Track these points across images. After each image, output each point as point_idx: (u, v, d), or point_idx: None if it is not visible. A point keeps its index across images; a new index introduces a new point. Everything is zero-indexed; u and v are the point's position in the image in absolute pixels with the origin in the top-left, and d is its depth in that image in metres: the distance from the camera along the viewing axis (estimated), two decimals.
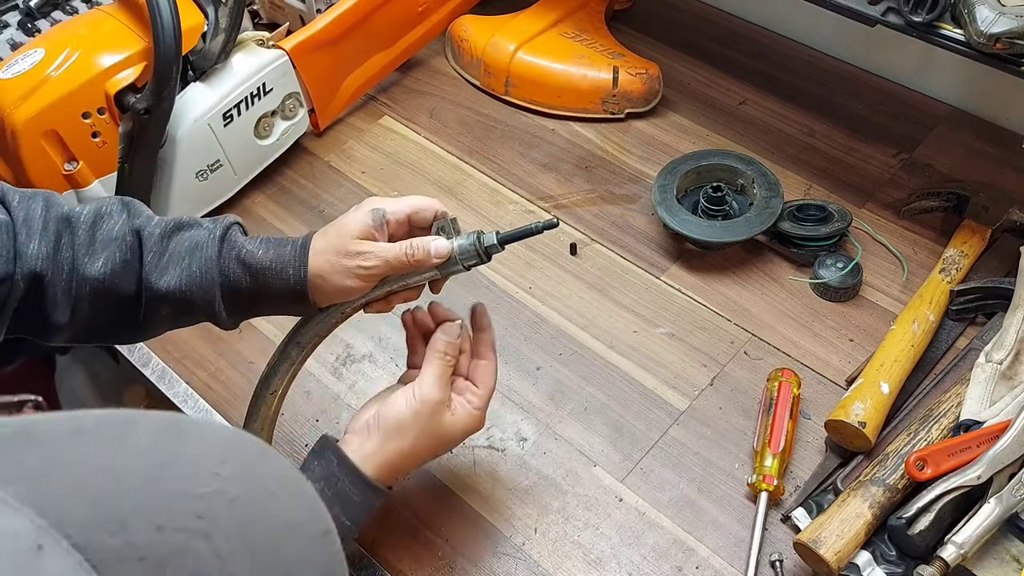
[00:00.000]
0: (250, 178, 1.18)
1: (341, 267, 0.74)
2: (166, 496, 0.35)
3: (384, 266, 0.74)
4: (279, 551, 0.37)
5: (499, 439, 0.93)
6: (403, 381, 0.81)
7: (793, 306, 1.03)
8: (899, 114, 1.22)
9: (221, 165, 1.12)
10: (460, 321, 0.80)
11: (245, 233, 0.78)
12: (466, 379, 0.80)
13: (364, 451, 0.75)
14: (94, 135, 1.04)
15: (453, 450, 0.92)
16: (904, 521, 0.77)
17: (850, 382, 0.94)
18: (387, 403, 0.76)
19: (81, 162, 1.04)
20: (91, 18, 1.08)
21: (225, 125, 1.09)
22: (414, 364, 0.81)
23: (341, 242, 0.74)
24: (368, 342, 1.03)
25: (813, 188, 1.14)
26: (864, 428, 0.84)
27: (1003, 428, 0.79)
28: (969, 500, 0.78)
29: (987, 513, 0.76)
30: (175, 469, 0.36)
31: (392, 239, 0.77)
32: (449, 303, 1.04)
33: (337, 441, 0.76)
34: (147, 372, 1.02)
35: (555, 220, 0.77)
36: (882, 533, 0.80)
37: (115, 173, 1.05)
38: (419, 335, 0.82)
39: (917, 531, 0.77)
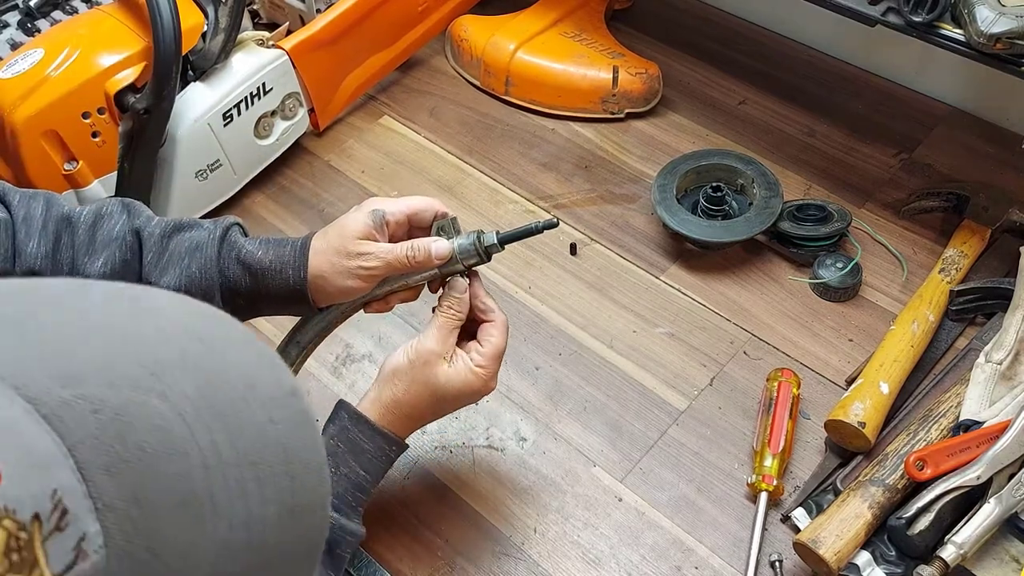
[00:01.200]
0: (250, 178, 1.18)
1: (341, 268, 0.74)
2: (118, 355, 0.34)
3: (385, 267, 0.74)
4: (244, 409, 0.37)
5: (498, 439, 0.94)
6: None
7: (793, 306, 1.03)
8: (899, 114, 1.22)
9: (221, 165, 1.12)
10: (467, 281, 0.79)
11: (245, 234, 0.78)
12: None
13: (367, 400, 0.76)
14: (94, 135, 1.04)
15: (452, 450, 0.93)
16: (904, 521, 0.77)
17: (850, 382, 0.94)
18: (390, 354, 0.77)
19: (81, 162, 1.04)
20: (91, 18, 1.08)
21: (225, 125, 1.09)
22: None
23: (341, 243, 0.74)
24: (368, 342, 1.03)
25: (813, 188, 1.14)
26: (864, 428, 0.84)
27: (1003, 428, 0.79)
28: (969, 500, 0.78)
29: (987, 513, 0.76)
30: (128, 330, 0.36)
31: (392, 239, 0.77)
32: None
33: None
34: None
35: (555, 220, 0.77)
36: (882, 533, 0.80)
37: (115, 173, 1.05)
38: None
39: (917, 531, 0.77)
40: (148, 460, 0.33)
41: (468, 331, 0.79)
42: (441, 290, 0.79)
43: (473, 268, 0.79)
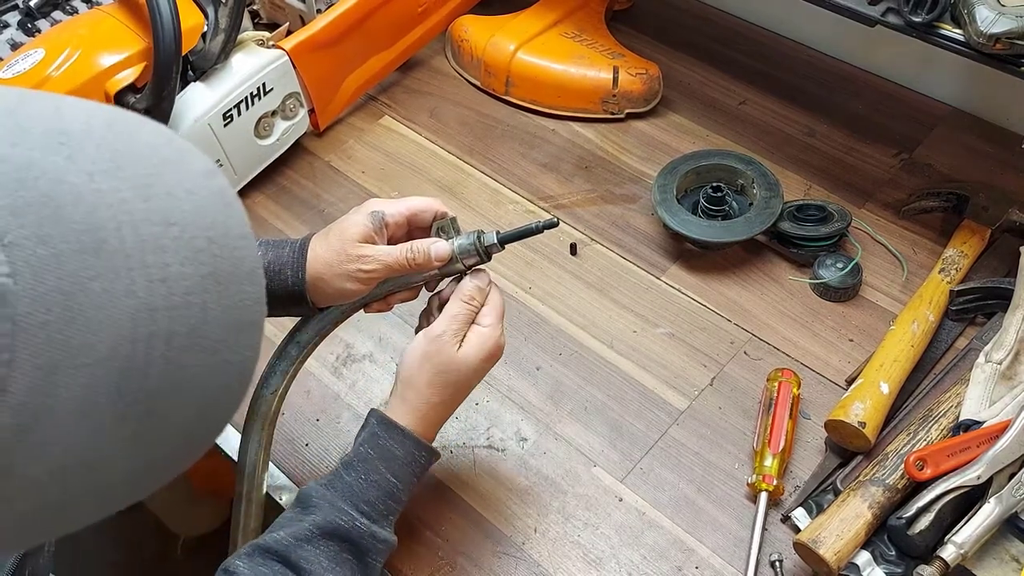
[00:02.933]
0: (250, 178, 1.18)
1: (341, 270, 0.74)
2: (27, 125, 0.36)
3: (384, 270, 0.74)
4: (157, 177, 0.38)
5: (499, 439, 0.94)
6: None
7: (793, 306, 1.03)
8: (899, 114, 1.22)
9: (221, 165, 1.12)
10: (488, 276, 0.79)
11: None
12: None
13: (392, 405, 0.76)
14: None
15: (453, 450, 0.93)
16: (904, 521, 0.77)
17: (850, 382, 0.94)
18: (403, 356, 0.76)
19: None
20: (91, 18, 1.08)
21: (225, 125, 1.09)
22: None
23: (341, 245, 0.74)
24: (368, 342, 1.03)
25: (813, 188, 1.14)
26: (864, 428, 0.84)
27: (1003, 428, 0.79)
28: (969, 500, 0.78)
29: (987, 513, 0.76)
30: (38, 107, 0.38)
31: (391, 240, 0.77)
32: None
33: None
34: None
35: (555, 220, 0.77)
36: (882, 533, 0.80)
37: None
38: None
39: (917, 531, 0.77)
40: (53, 206, 0.34)
41: None
42: (450, 282, 0.79)
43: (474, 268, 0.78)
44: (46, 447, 0.34)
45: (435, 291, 0.81)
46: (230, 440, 0.96)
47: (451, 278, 0.79)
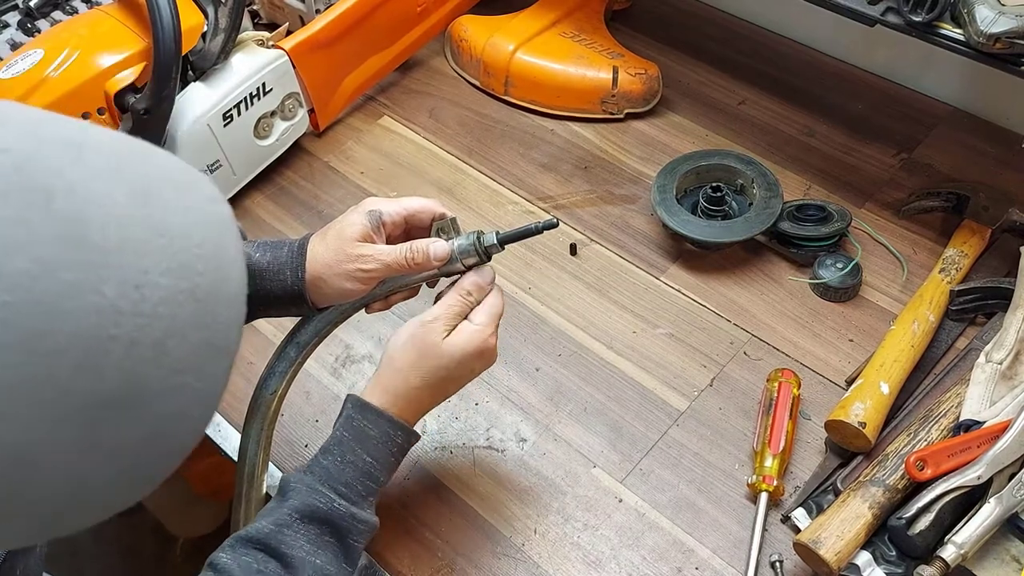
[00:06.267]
0: (249, 178, 1.18)
1: (340, 270, 0.74)
2: (47, 132, 0.37)
3: (383, 269, 0.74)
4: (159, 192, 0.39)
5: (499, 440, 0.93)
6: None
7: (793, 306, 1.03)
8: (899, 114, 1.22)
9: (220, 165, 1.12)
10: (494, 274, 0.78)
11: (244, 237, 0.78)
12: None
13: (370, 386, 0.76)
14: None
15: (453, 451, 0.92)
16: (904, 521, 0.77)
17: (850, 382, 0.94)
18: (391, 338, 0.76)
19: None
20: (91, 18, 1.07)
21: (225, 125, 1.09)
22: None
23: (340, 245, 0.74)
24: (368, 342, 1.02)
25: (813, 188, 1.14)
26: (864, 428, 0.84)
27: (1003, 428, 0.79)
28: (969, 500, 0.78)
29: (987, 513, 0.76)
30: (65, 123, 0.39)
31: (389, 240, 0.76)
32: None
33: None
34: None
35: (555, 220, 0.77)
36: (882, 533, 0.80)
37: None
38: None
39: (917, 531, 0.77)
40: (44, 194, 0.35)
41: None
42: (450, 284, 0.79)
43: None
44: None
45: (433, 287, 0.81)
46: (230, 440, 0.96)
47: (450, 279, 0.79)
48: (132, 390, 0.37)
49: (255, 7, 1.36)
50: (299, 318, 0.81)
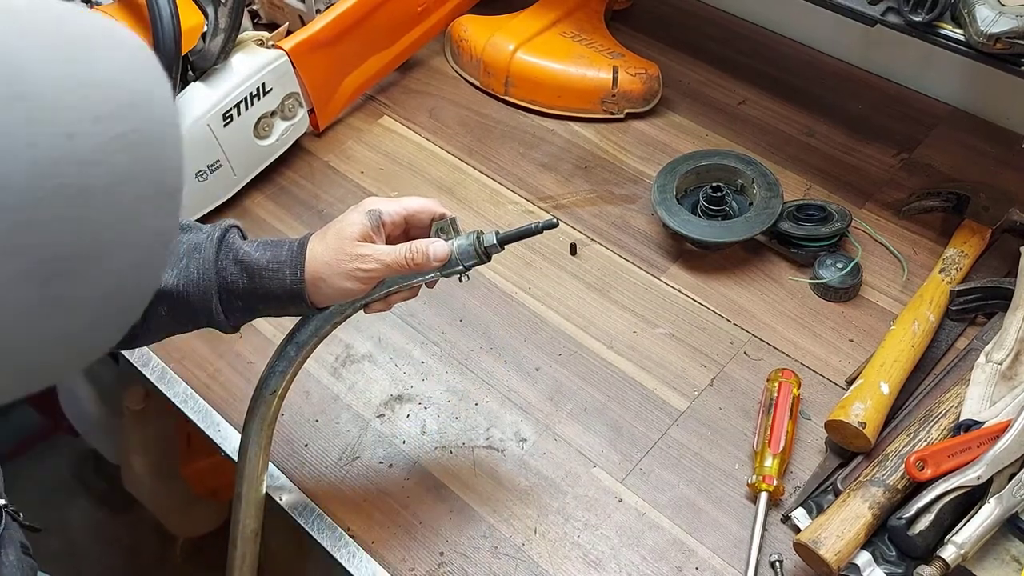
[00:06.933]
0: (250, 178, 1.18)
1: (340, 270, 0.73)
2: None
3: (383, 269, 0.74)
4: (90, 43, 0.40)
5: (499, 439, 0.93)
6: None
7: (793, 306, 1.03)
8: (899, 114, 1.22)
9: (221, 165, 1.12)
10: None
11: (244, 236, 0.78)
12: None
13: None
14: None
15: (453, 450, 0.92)
16: (904, 521, 0.77)
17: (850, 382, 0.94)
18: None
19: None
20: None
21: (225, 125, 1.09)
22: None
23: (340, 244, 0.74)
24: (367, 342, 1.02)
25: (813, 188, 1.14)
26: (864, 428, 0.84)
27: (1003, 428, 0.79)
28: (969, 500, 0.78)
29: (987, 513, 0.76)
30: None
31: (388, 240, 0.76)
32: (449, 302, 1.04)
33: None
34: (147, 372, 1.02)
35: (555, 220, 0.77)
36: (882, 533, 0.80)
37: None
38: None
39: (917, 531, 0.77)
40: None
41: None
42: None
43: (473, 268, 0.78)
44: None
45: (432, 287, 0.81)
46: (230, 440, 0.96)
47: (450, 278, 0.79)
48: (83, 242, 0.38)
49: (255, 7, 1.36)
50: (299, 318, 0.81)
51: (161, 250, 0.43)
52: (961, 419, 0.84)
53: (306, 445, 0.95)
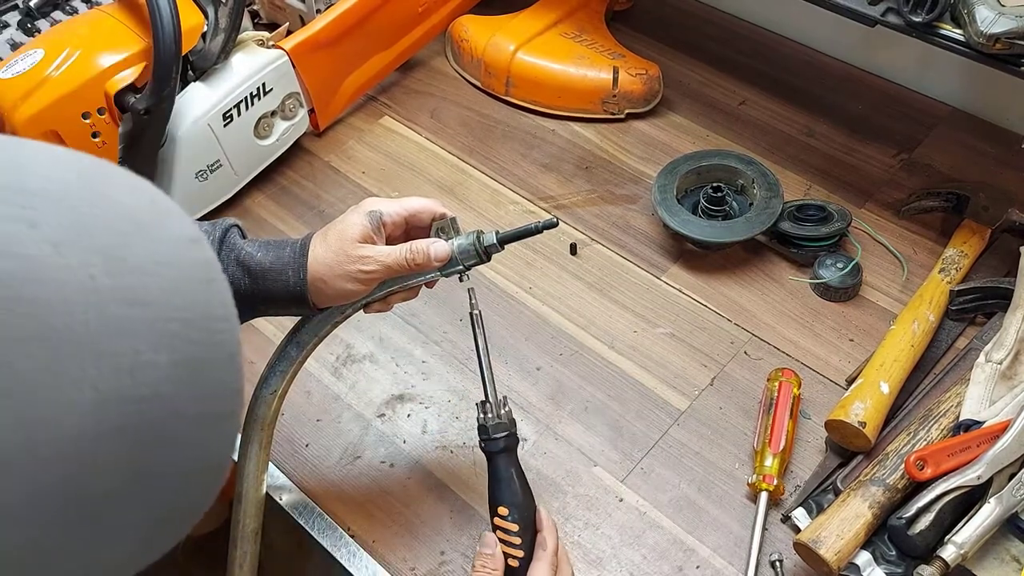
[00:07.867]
0: (250, 178, 1.18)
1: (341, 271, 0.73)
2: None
3: (384, 270, 0.74)
4: (129, 248, 0.33)
5: None
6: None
7: (793, 306, 1.03)
8: (899, 114, 1.22)
9: (221, 165, 1.12)
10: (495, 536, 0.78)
11: (244, 235, 0.78)
12: None
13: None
14: (94, 135, 1.04)
15: (453, 450, 0.92)
16: (904, 521, 0.77)
17: (850, 382, 0.94)
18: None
19: None
20: (91, 18, 1.07)
21: (225, 125, 1.09)
22: None
23: (341, 245, 0.74)
24: (368, 342, 1.03)
25: (813, 188, 1.14)
26: (864, 428, 0.84)
27: (1003, 428, 0.79)
28: (969, 500, 0.78)
29: (987, 513, 0.76)
30: (3, 163, 0.33)
31: (389, 241, 0.76)
32: (449, 303, 1.04)
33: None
34: None
35: (555, 220, 0.77)
36: (882, 533, 0.80)
37: None
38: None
39: (917, 531, 0.77)
40: (8, 284, 0.29)
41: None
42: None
43: (473, 268, 0.78)
44: None
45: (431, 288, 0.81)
46: None
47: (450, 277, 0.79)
48: (134, 478, 0.33)
49: (255, 7, 1.36)
50: (299, 317, 0.81)
51: (217, 471, 0.38)
52: (961, 419, 0.84)
53: (307, 445, 0.95)
